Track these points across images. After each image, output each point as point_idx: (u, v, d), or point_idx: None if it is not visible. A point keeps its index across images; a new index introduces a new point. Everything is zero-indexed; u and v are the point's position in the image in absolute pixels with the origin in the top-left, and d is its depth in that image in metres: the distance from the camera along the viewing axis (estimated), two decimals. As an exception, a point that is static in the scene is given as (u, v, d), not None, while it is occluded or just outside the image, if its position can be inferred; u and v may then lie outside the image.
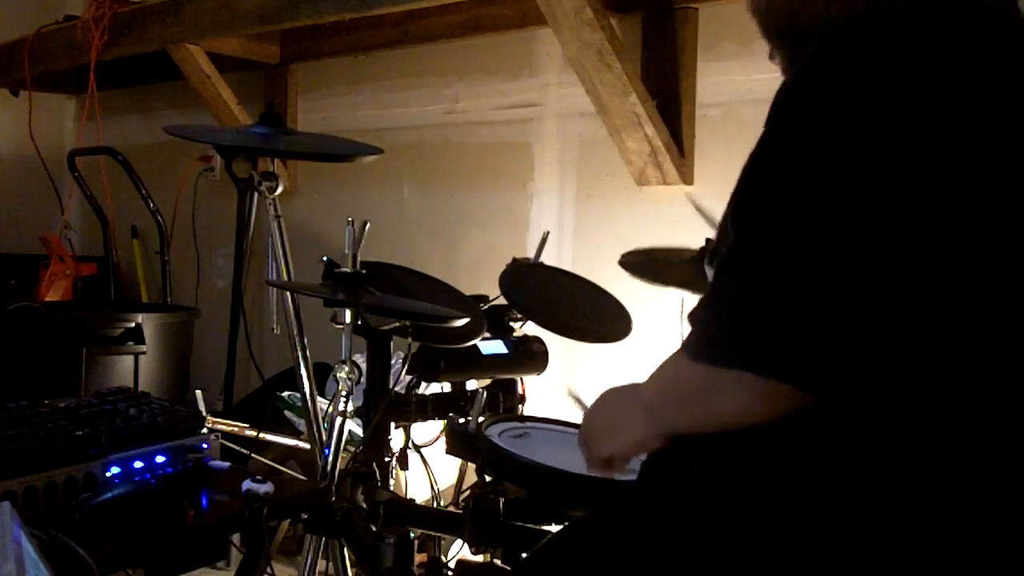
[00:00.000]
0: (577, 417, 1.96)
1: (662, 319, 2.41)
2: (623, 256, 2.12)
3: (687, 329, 1.02)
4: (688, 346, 1.00)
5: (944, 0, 0.94)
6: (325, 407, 2.03)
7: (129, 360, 3.23)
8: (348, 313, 1.80)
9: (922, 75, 0.90)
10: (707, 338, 0.98)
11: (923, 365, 0.91)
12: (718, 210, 1.02)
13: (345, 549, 1.90)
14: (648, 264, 2.11)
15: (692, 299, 2.11)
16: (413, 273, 2.15)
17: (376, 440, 1.93)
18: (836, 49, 0.94)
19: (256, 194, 1.97)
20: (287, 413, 2.60)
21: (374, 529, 1.74)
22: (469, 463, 2.02)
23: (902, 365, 0.91)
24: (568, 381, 2.76)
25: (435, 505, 2.10)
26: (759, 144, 0.97)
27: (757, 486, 0.99)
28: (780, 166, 0.94)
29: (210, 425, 1.84)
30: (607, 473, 1.23)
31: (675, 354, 1.04)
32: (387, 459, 1.94)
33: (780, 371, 0.91)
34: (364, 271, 1.81)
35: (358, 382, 1.86)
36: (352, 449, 2.06)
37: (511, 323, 2.17)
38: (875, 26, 0.94)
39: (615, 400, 1.21)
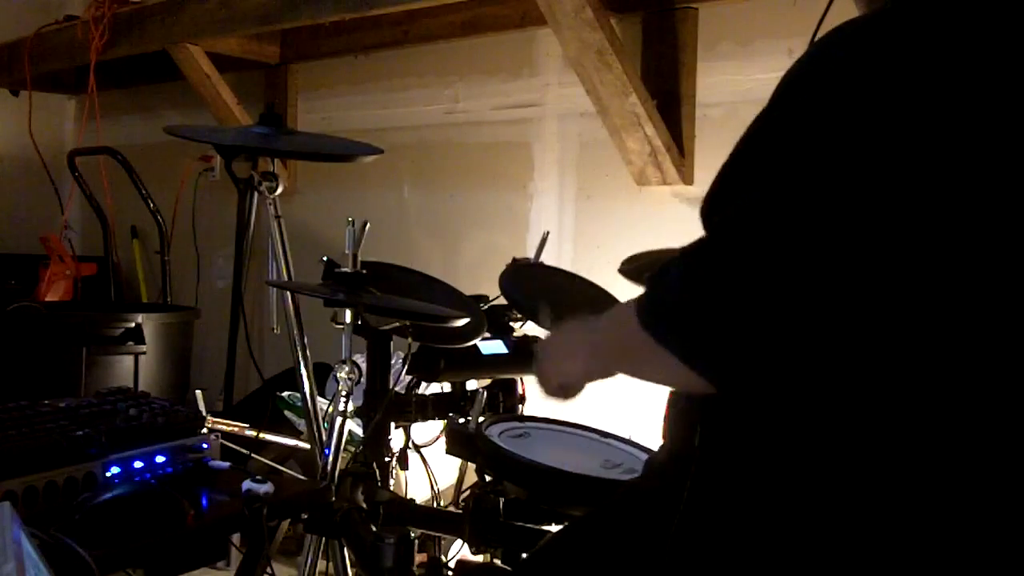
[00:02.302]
0: (576, 417, 1.96)
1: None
2: (623, 264, 2.12)
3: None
4: (636, 305, 1.02)
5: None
6: (325, 407, 2.03)
7: (129, 360, 3.23)
8: (348, 313, 1.80)
9: (935, 83, 0.88)
10: (650, 305, 1.00)
11: (898, 370, 0.91)
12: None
13: (345, 549, 1.89)
14: (648, 270, 2.10)
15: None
16: (413, 273, 2.15)
17: (376, 440, 1.93)
18: (850, 45, 0.94)
19: (256, 194, 1.97)
20: (287, 413, 2.60)
21: (374, 529, 1.74)
22: (469, 463, 2.02)
23: (867, 370, 0.91)
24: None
25: (435, 505, 2.10)
26: (757, 120, 0.97)
27: (754, 487, 0.99)
28: (768, 159, 0.94)
29: (210, 425, 1.84)
30: (562, 400, 1.28)
31: (629, 304, 1.05)
32: (387, 459, 1.94)
33: (696, 363, 0.93)
34: (364, 271, 1.81)
35: (358, 382, 1.86)
36: (352, 449, 2.06)
37: (511, 323, 2.17)
38: (893, 24, 0.92)
39: (569, 331, 1.26)
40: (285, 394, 2.58)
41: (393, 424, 1.97)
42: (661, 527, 1.09)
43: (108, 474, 1.44)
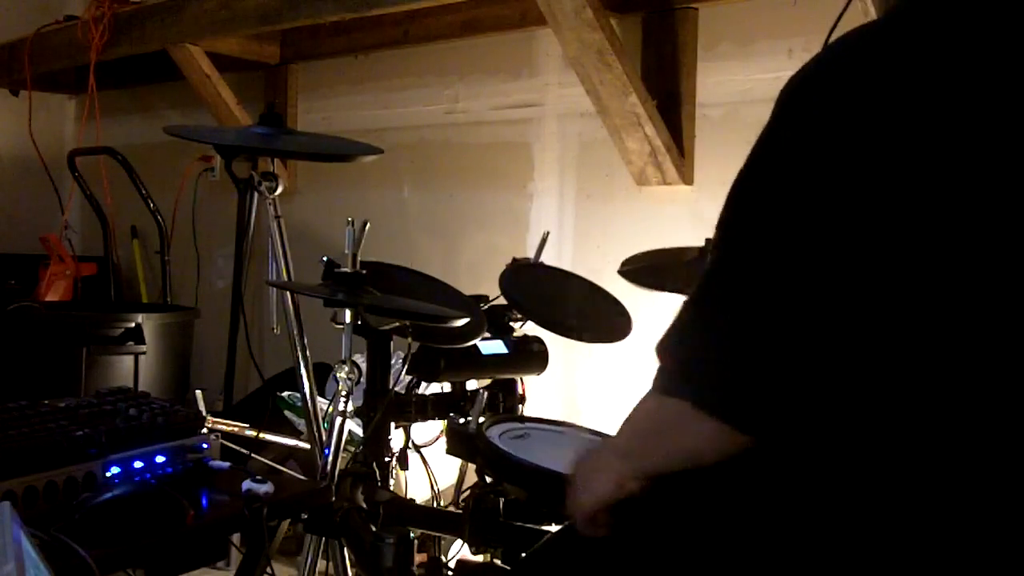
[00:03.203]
0: (576, 417, 1.96)
1: (662, 319, 2.41)
2: (623, 265, 2.12)
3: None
4: (654, 378, 1.00)
5: (969, 11, 0.91)
6: (325, 407, 2.03)
7: (129, 360, 3.23)
8: (348, 313, 1.80)
9: (936, 105, 0.87)
10: (666, 371, 0.98)
11: (902, 407, 0.91)
12: (716, 209, 1.02)
13: (345, 549, 1.90)
14: (648, 270, 2.11)
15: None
16: (413, 273, 2.15)
17: (376, 440, 1.93)
18: (848, 60, 0.93)
19: (256, 194, 1.97)
20: (287, 413, 2.60)
21: (374, 529, 1.74)
22: (469, 463, 2.02)
23: (876, 411, 0.91)
24: (568, 381, 2.76)
25: (435, 505, 2.10)
26: (753, 154, 0.96)
27: (755, 487, 0.99)
28: (767, 194, 0.93)
29: (210, 425, 1.84)
30: (599, 532, 1.16)
31: (646, 392, 1.03)
32: (387, 459, 1.94)
33: (725, 413, 0.91)
34: (364, 271, 1.81)
35: (358, 382, 1.86)
36: (352, 449, 2.06)
37: (511, 323, 2.17)
38: (890, 39, 0.91)
39: (590, 455, 1.19)
40: (285, 394, 2.58)
41: (393, 424, 1.97)
42: (660, 527, 1.09)
43: (108, 474, 1.44)
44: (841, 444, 0.93)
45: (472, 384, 2.13)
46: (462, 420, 1.96)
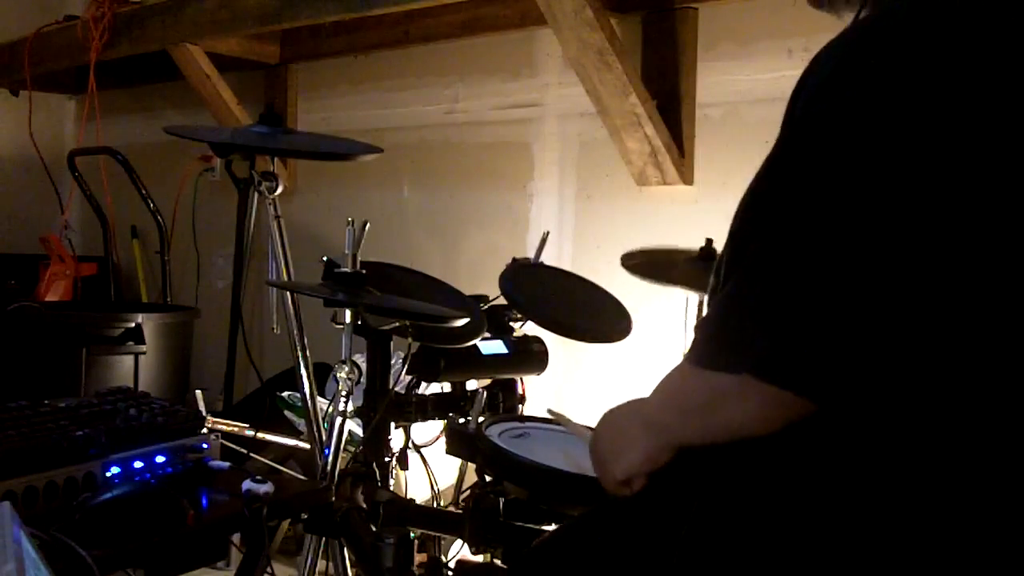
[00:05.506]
0: (575, 417, 1.96)
1: (663, 319, 2.41)
2: (624, 257, 2.12)
3: (692, 335, 1.02)
4: (692, 354, 1.00)
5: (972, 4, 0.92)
6: (325, 407, 2.03)
7: (129, 360, 3.23)
8: (348, 313, 1.80)
9: (951, 85, 0.88)
10: (712, 343, 0.97)
11: (934, 375, 0.91)
12: (716, 209, 1.02)
13: (345, 549, 1.90)
14: (649, 265, 2.11)
15: (695, 298, 2.12)
16: (413, 273, 2.15)
17: (376, 440, 1.93)
18: (863, 52, 0.93)
19: (256, 194, 1.97)
20: (287, 413, 2.60)
21: (374, 529, 1.74)
22: (469, 463, 2.02)
23: (913, 375, 0.90)
24: (568, 381, 2.76)
25: (435, 505, 2.10)
26: (778, 144, 0.96)
27: (760, 489, 0.99)
28: (800, 171, 0.92)
29: (210, 425, 1.84)
30: (627, 493, 1.16)
31: (679, 365, 1.03)
32: (387, 459, 1.94)
33: (781, 378, 0.90)
34: (364, 271, 1.81)
35: (358, 382, 1.86)
36: (352, 449, 2.06)
37: (511, 323, 2.17)
38: (902, 29, 0.92)
39: (616, 419, 1.18)
40: (285, 394, 2.58)
41: (393, 424, 1.97)
42: (665, 526, 1.09)
43: (108, 474, 1.44)
44: (894, 419, 0.92)
45: (472, 384, 2.13)
46: (462, 420, 1.96)
